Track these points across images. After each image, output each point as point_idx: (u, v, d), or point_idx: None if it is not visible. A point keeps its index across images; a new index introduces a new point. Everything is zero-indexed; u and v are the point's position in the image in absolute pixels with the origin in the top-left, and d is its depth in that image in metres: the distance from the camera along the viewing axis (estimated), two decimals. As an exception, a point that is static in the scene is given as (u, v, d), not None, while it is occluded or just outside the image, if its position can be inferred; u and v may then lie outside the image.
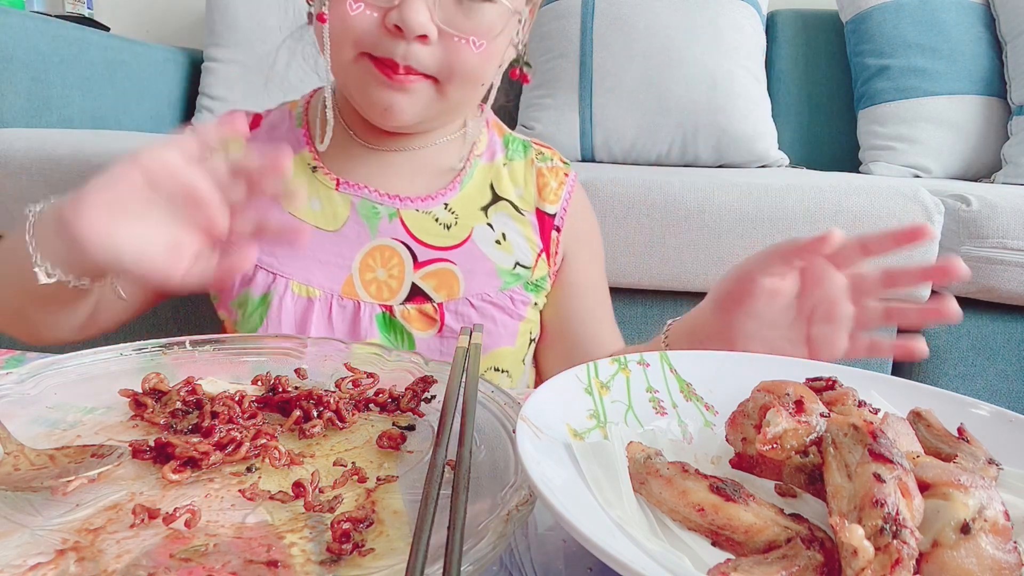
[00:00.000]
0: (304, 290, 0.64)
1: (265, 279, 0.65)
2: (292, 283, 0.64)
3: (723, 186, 1.05)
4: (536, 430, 0.31)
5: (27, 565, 0.25)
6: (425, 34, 0.55)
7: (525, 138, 0.75)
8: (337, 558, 0.27)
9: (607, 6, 1.60)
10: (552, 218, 0.70)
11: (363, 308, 0.65)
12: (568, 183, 0.72)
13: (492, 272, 0.67)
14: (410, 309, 0.65)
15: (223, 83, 1.72)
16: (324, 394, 0.40)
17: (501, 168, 0.71)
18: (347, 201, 0.66)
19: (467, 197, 0.68)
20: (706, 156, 1.56)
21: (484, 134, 0.72)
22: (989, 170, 1.57)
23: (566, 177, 0.72)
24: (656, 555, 0.26)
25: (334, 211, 0.66)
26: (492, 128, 0.73)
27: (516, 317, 0.67)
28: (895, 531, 0.24)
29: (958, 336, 1.11)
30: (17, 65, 1.34)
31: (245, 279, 0.65)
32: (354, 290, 0.65)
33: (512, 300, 0.67)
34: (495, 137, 0.73)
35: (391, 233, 0.66)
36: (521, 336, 0.68)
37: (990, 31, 1.58)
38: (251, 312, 0.65)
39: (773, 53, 1.75)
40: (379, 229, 0.66)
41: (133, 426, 0.38)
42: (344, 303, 0.65)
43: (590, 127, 1.58)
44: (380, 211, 0.66)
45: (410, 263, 0.66)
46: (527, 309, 0.68)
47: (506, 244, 0.68)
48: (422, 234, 0.66)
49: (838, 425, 0.30)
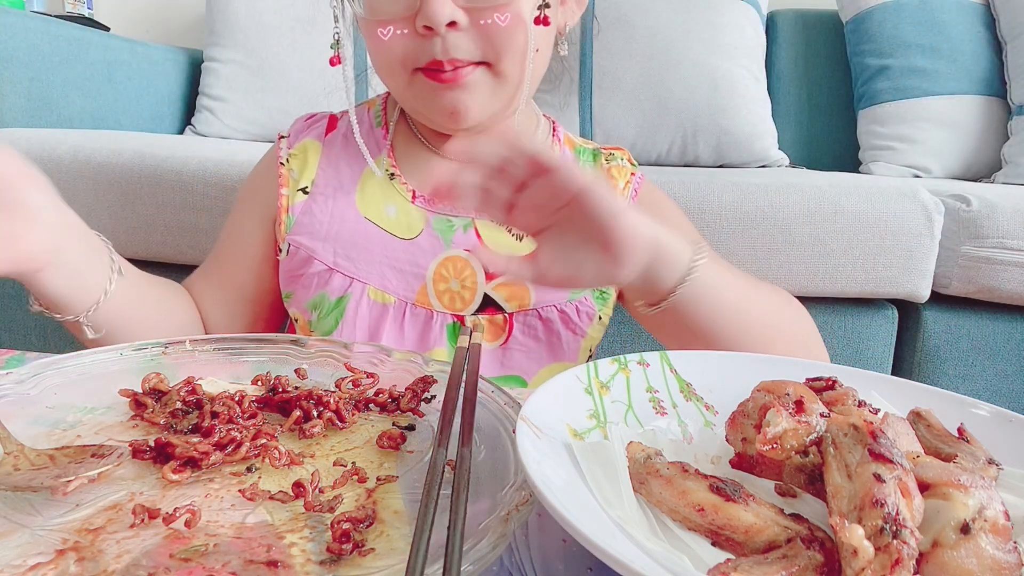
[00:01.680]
0: (380, 296, 0.64)
1: (342, 282, 0.64)
2: (369, 288, 0.64)
3: (723, 186, 1.05)
4: (536, 430, 0.31)
5: (27, 565, 0.25)
6: (453, 21, 0.55)
7: (596, 146, 0.74)
8: (337, 558, 0.27)
9: (607, 6, 1.60)
10: None
11: (435, 317, 0.65)
12: (634, 182, 0.71)
13: None
14: (481, 320, 0.65)
15: (223, 83, 1.72)
16: (324, 394, 0.40)
17: None
18: (422, 215, 0.66)
19: None
20: (706, 156, 1.56)
21: (556, 151, 0.71)
22: (989, 170, 1.57)
23: (632, 176, 0.71)
24: (656, 555, 0.26)
25: (409, 221, 0.66)
26: (564, 144, 0.73)
27: (579, 333, 0.66)
28: (895, 531, 0.24)
29: (958, 336, 1.11)
30: (17, 65, 1.34)
31: (321, 280, 0.65)
32: (427, 299, 0.65)
33: (578, 311, 0.66)
34: (566, 152, 0.73)
35: (465, 244, 0.65)
36: (582, 353, 0.67)
37: (990, 31, 1.58)
38: (326, 314, 0.65)
39: (773, 53, 1.75)
40: (453, 241, 0.65)
41: (133, 426, 0.38)
42: (417, 311, 0.65)
43: (590, 127, 1.58)
44: (455, 223, 0.66)
45: (482, 274, 0.65)
46: (590, 326, 0.67)
47: None
48: (495, 245, 0.66)
49: (838, 425, 0.30)
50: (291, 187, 0.68)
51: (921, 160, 1.55)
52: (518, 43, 0.58)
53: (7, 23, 1.32)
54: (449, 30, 0.55)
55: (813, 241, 1.03)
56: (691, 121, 1.53)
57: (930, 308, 1.12)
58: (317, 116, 0.72)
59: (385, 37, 0.57)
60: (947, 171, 1.57)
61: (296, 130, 0.72)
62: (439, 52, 0.56)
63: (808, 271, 1.04)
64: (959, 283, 1.07)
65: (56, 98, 1.43)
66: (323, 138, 0.70)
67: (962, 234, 1.05)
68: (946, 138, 1.55)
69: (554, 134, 0.73)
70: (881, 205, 1.03)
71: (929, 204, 1.03)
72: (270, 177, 0.69)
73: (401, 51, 0.57)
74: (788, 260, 1.04)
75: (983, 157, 1.56)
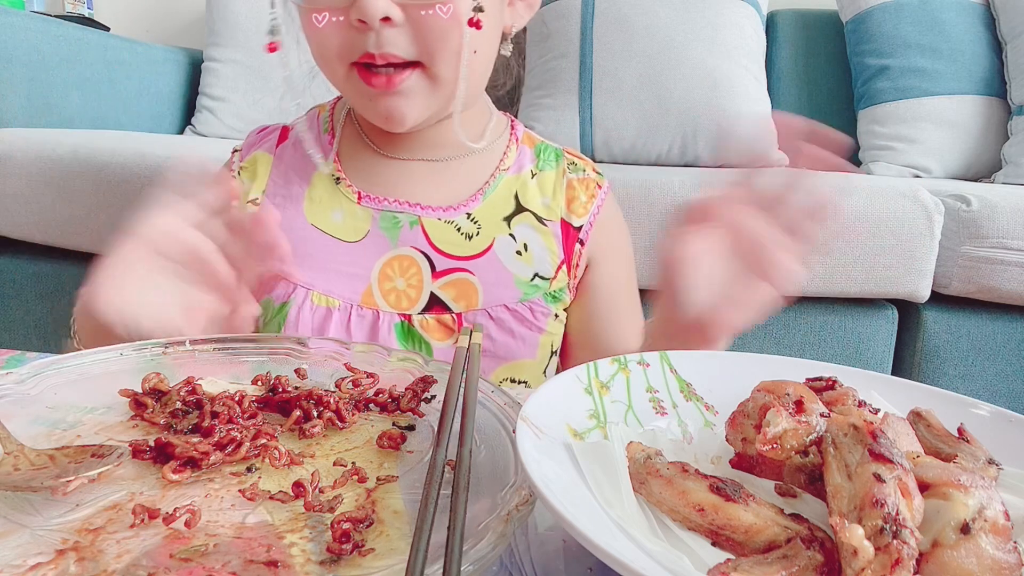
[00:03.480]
0: (324, 300, 0.64)
1: (285, 288, 0.65)
2: (312, 294, 0.64)
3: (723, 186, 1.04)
4: (536, 430, 0.31)
5: (27, 565, 0.25)
6: (387, 16, 0.54)
7: (559, 147, 0.74)
8: (337, 558, 0.27)
9: (607, 6, 1.60)
10: (578, 231, 0.69)
11: (382, 317, 0.65)
12: (599, 196, 0.71)
13: (510, 283, 0.67)
14: (428, 319, 0.65)
15: (223, 83, 1.72)
16: (324, 394, 0.40)
17: (528, 180, 0.70)
18: (368, 215, 0.66)
19: (490, 207, 0.68)
20: (706, 156, 1.57)
21: (513, 149, 0.71)
22: (989, 170, 1.57)
23: (598, 189, 0.71)
24: (656, 555, 0.26)
25: (355, 224, 0.66)
26: (522, 142, 0.72)
27: (536, 330, 0.67)
28: (895, 531, 0.24)
29: (958, 336, 1.11)
30: (17, 65, 1.34)
31: (268, 287, 0.65)
32: (373, 300, 0.65)
33: (532, 312, 0.66)
34: (525, 150, 0.72)
35: (411, 242, 0.66)
36: (542, 348, 0.67)
37: (990, 31, 1.58)
38: (270, 319, 0.65)
39: (773, 53, 1.75)
40: (399, 238, 0.66)
41: (133, 426, 0.38)
42: (363, 312, 0.65)
43: (590, 127, 1.58)
44: (401, 220, 0.66)
45: (428, 272, 0.65)
46: (547, 321, 0.67)
47: (527, 255, 0.67)
48: (442, 243, 0.66)
49: (838, 425, 0.30)
50: (241, 199, 0.68)
51: (921, 160, 1.56)
52: (452, 43, 0.57)
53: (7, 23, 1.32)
54: (384, 25, 0.55)
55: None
56: (691, 121, 1.53)
57: (930, 308, 1.12)
58: (270, 128, 0.73)
59: (319, 24, 0.57)
60: (947, 171, 1.57)
61: (248, 143, 0.72)
62: (372, 46, 0.56)
63: (808, 271, 1.04)
64: (959, 283, 1.07)
65: (56, 98, 1.43)
66: (275, 150, 0.71)
67: (962, 234, 1.05)
68: (946, 138, 1.55)
69: (512, 132, 0.72)
70: (881, 205, 1.03)
71: (929, 204, 1.04)
72: None
73: (337, 42, 0.57)
74: (788, 260, 1.04)
75: (983, 157, 1.56)
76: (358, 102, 0.62)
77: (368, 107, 0.61)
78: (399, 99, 0.59)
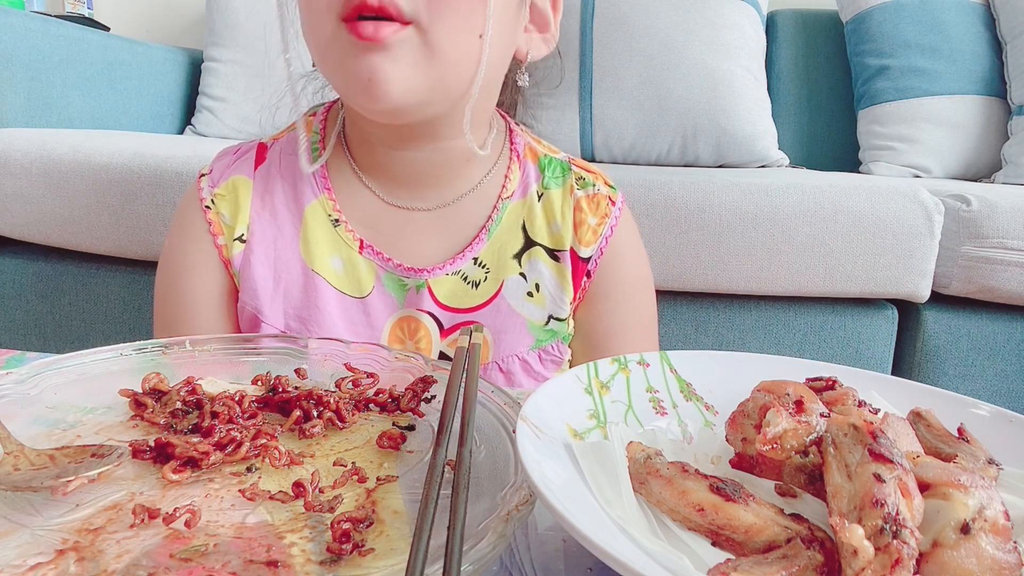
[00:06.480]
0: None
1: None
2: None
3: (723, 186, 1.05)
4: (536, 430, 0.31)
5: (27, 565, 0.25)
6: None
7: (566, 158, 0.67)
8: (337, 558, 0.27)
9: (607, 6, 1.60)
10: (585, 263, 0.63)
11: None
12: (612, 215, 0.64)
13: (522, 329, 0.62)
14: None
15: (223, 83, 1.72)
16: (324, 394, 0.40)
17: (535, 203, 0.64)
18: (372, 269, 0.61)
19: (498, 244, 0.62)
20: (706, 156, 1.57)
21: (515, 171, 0.64)
22: (989, 170, 1.57)
23: (611, 206, 0.64)
24: (656, 555, 0.26)
25: (358, 277, 0.61)
26: (524, 158, 0.65)
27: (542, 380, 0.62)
28: (895, 531, 0.24)
29: (958, 336, 1.11)
30: (17, 65, 1.34)
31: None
32: None
33: (541, 358, 0.62)
34: (528, 167, 0.65)
35: (417, 304, 0.61)
36: None
37: (990, 31, 1.59)
38: None
39: (773, 53, 1.75)
40: (406, 300, 0.61)
41: (133, 426, 0.38)
42: None
43: (590, 127, 1.58)
44: (407, 284, 0.61)
45: (436, 333, 0.62)
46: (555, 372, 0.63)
47: (539, 296, 0.62)
48: (448, 299, 0.61)
49: (838, 425, 0.30)
50: (227, 235, 0.60)
51: (921, 160, 1.56)
52: (458, 8, 0.50)
53: (7, 23, 1.32)
54: None
55: (813, 241, 1.03)
56: (691, 121, 1.53)
57: (930, 308, 1.12)
58: (244, 148, 0.64)
59: None
60: (947, 171, 1.57)
61: (222, 165, 0.63)
62: None
63: (808, 271, 1.04)
64: (959, 283, 1.07)
65: (56, 98, 1.43)
66: (252, 173, 0.62)
67: (962, 234, 1.05)
68: (946, 138, 1.56)
69: (512, 148, 0.65)
70: (881, 205, 1.03)
71: (929, 204, 1.04)
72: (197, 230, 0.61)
73: None
74: (788, 260, 1.04)
75: (983, 157, 1.56)
76: (339, 65, 0.52)
77: (348, 69, 0.51)
78: (385, 58, 0.49)
